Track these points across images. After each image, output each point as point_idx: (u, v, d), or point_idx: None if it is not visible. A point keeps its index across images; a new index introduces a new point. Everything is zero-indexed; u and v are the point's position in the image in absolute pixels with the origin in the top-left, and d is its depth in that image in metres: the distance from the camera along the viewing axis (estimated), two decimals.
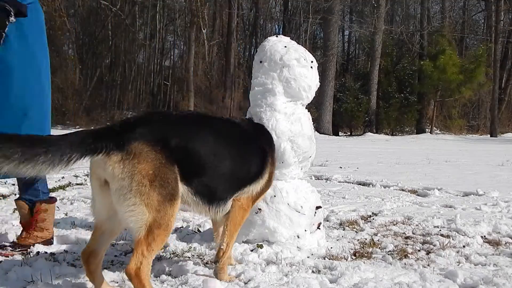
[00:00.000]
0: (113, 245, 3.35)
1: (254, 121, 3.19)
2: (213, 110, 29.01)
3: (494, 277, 2.74)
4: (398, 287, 2.59)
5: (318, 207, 3.43)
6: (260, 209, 3.22)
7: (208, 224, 4.05)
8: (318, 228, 3.43)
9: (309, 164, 3.53)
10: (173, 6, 35.23)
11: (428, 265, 3.06)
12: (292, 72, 3.34)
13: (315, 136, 3.55)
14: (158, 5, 33.92)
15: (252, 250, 3.18)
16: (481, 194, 5.98)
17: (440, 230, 4.03)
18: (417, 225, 4.23)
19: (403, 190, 6.36)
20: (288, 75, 3.34)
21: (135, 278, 2.17)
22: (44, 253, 3.11)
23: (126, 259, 3.05)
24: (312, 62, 3.45)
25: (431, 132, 29.09)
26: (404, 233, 3.94)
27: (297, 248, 3.22)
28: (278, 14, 36.42)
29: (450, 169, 9.27)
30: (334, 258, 3.14)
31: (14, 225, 3.77)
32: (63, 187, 5.98)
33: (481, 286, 2.66)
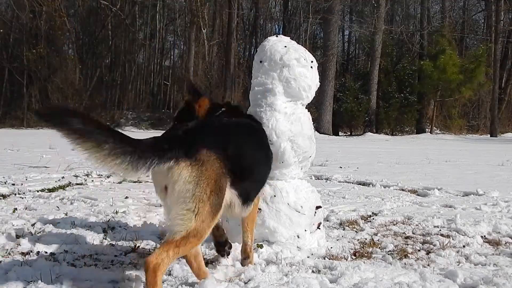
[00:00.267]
0: (113, 245, 3.35)
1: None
2: None
3: (494, 277, 2.74)
4: (398, 287, 2.59)
5: (318, 207, 3.42)
6: (260, 209, 3.22)
7: None
8: (318, 228, 3.43)
9: (309, 164, 3.53)
10: (173, 6, 35.28)
11: (428, 265, 3.06)
12: (292, 72, 3.34)
13: (315, 136, 3.55)
14: (158, 5, 33.96)
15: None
16: (481, 194, 5.97)
17: (440, 230, 4.03)
18: (417, 225, 4.23)
19: (403, 190, 6.36)
20: (288, 75, 3.34)
21: (151, 273, 2.18)
22: (44, 253, 3.10)
23: (126, 259, 3.05)
24: (312, 62, 3.45)
25: (431, 132, 29.11)
26: (404, 233, 3.94)
27: (297, 248, 3.22)
28: (278, 14, 36.46)
29: (450, 169, 9.26)
30: (334, 258, 3.14)
31: (14, 225, 3.76)
32: (63, 187, 5.98)
33: (481, 286, 2.66)
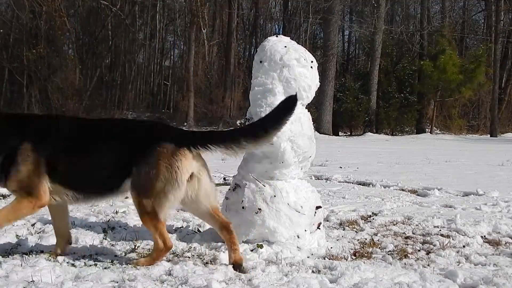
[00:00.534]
0: (113, 245, 3.35)
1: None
2: (213, 110, 29.05)
3: (494, 277, 2.74)
4: (398, 287, 2.59)
5: (318, 207, 3.43)
6: (260, 209, 3.22)
7: (208, 224, 4.05)
8: (318, 228, 3.43)
9: (309, 164, 3.53)
10: (173, 6, 35.25)
11: (428, 265, 3.06)
12: (292, 72, 3.34)
13: (315, 136, 3.55)
14: (158, 5, 33.93)
15: (252, 250, 3.18)
16: (481, 194, 5.97)
17: (440, 230, 4.03)
18: (417, 225, 4.23)
19: (403, 190, 6.36)
20: (288, 75, 3.34)
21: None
22: (44, 253, 3.10)
23: (126, 259, 3.05)
24: (312, 62, 3.45)
25: (431, 132, 29.08)
26: (404, 233, 3.94)
27: (297, 248, 3.22)
28: (278, 14, 36.41)
29: (450, 169, 9.26)
30: (334, 258, 3.14)
31: (14, 225, 3.76)
32: None
33: (481, 286, 2.66)
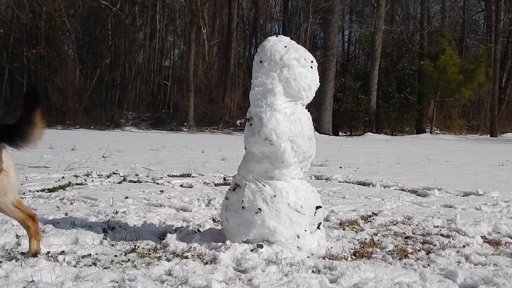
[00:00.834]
0: (113, 245, 3.35)
1: None
2: (213, 110, 29.05)
3: (494, 277, 2.74)
4: (398, 287, 2.59)
5: (318, 207, 3.42)
6: (260, 209, 3.22)
7: (208, 224, 4.06)
8: (318, 228, 3.43)
9: (309, 164, 3.53)
10: (173, 6, 35.28)
11: (428, 265, 3.06)
12: (292, 72, 3.34)
13: (315, 136, 3.55)
14: (158, 5, 33.95)
15: (252, 250, 3.18)
16: (481, 194, 5.98)
17: (440, 230, 4.03)
18: (417, 225, 4.23)
19: (403, 190, 6.36)
20: (288, 75, 3.34)
21: None
22: (44, 253, 3.10)
23: (126, 259, 3.05)
24: (312, 62, 3.45)
25: (431, 132, 29.08)
26: (404, 233, 3.94)
27: (297, 248, 3.22)
28: (278, 14, 36.41)
29: (450, 169, 9.26)
30: (334, 258, 3.14)
31: (14, 225, 3.76)
32: (63, 187, 5.97)
33: (481, 286, 2.66)
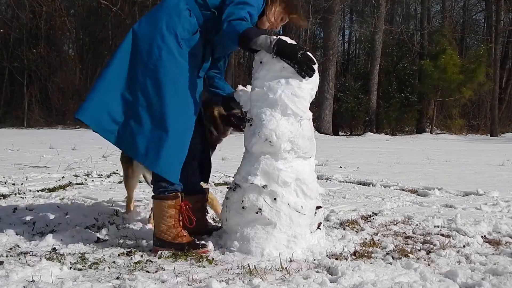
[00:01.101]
0: (114, 245, 3.35)
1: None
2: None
3: (495, 276, 2.74)
4: (399, 287, 2.59)
5: (319, 207, 3.42)
6: (261, 209, 3.22)
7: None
8: (319, 228, 3.43)
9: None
10: None
11: (429, 265, 3.06)
12: (292, 72, 3.33)
13: (315, 136, 3.54)
14: None
15: None
16: (482, 194, 5.97)
17: (441, 230, 4.02)
18: (417, 225, 4.23)
19: (403, 190, 6.36)
20: (288, 75, 3.33)
21: None
22: (44, 253, 3.10)
23: (126, 259, 3.05)
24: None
25: (432, 132, 29.09)
26: (405, 233, 3.94)
27: (297, 248, 3.22)
28: None
29: (450, 169, 9.26)
30: (335, 258, 3.14)
31: (14, 225, 3.76)
32: (63, 187, 5.97)
33: (483, 285, 2.65)
